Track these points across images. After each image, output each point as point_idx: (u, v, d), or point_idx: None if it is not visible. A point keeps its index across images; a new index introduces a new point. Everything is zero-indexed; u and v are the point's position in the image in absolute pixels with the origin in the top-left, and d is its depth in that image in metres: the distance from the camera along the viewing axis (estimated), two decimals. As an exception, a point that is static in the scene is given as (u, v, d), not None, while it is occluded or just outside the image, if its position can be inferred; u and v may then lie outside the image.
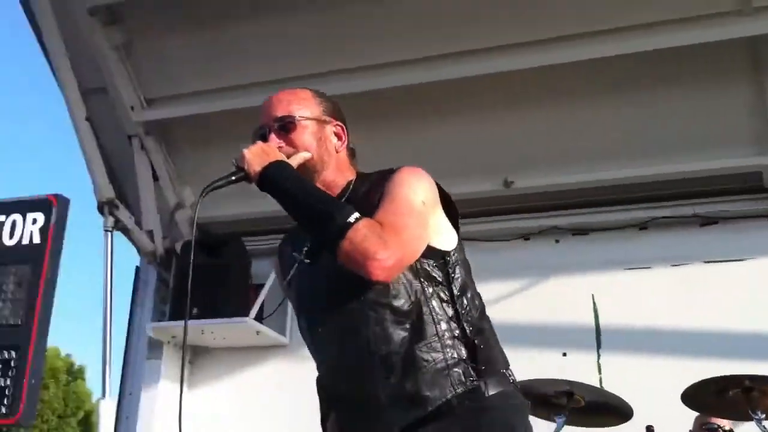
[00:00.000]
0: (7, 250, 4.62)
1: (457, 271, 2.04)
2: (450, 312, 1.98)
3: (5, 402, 4.15)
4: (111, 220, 5.60)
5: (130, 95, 5.78)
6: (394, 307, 1.94)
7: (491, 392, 1.93)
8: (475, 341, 1.98)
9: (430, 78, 5.07)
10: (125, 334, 6.05)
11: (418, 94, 5.17)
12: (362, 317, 1.95)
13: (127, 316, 6.12)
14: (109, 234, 5.55)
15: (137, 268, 6.23)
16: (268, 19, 5.27)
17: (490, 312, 2.13)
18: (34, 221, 4.58)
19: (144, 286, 6.17)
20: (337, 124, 2.18)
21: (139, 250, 6.05)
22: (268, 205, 2.24)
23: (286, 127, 2.09)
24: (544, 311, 5.13)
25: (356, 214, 1.87)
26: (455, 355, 1.94)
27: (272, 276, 5.57)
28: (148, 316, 6.03)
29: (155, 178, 5.92)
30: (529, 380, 3.37)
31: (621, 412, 3.83)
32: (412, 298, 1.95)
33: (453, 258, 2.05)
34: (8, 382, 4.19)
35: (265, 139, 2.09)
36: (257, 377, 5.79)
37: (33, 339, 4.30)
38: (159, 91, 5.86)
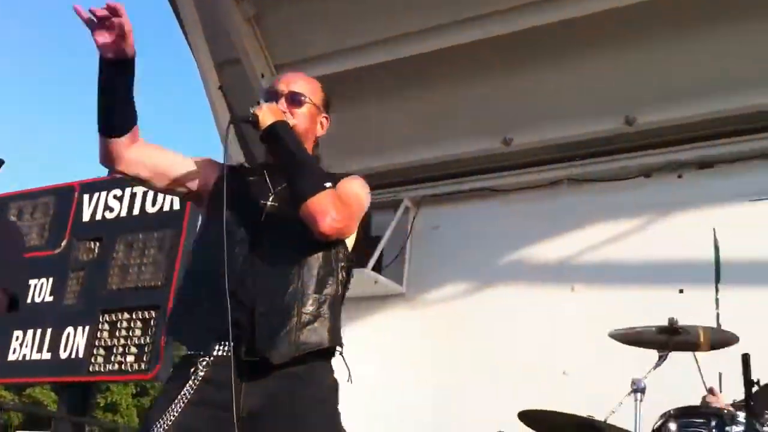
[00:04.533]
0: (150, 217, 5.08)
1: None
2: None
3: (144, 359, 4.61)
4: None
5: (260, 64, 6.11)
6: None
7: None
8: None
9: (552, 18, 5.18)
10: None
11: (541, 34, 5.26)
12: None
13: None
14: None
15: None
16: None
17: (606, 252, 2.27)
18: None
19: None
20: (326, 117, 2.66)
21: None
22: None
23: (296, 100, 2.56)
24: (661, 248, 5.04)
25: (330, 183, 2.36)
26: None
27: (391, 227, 5.83)
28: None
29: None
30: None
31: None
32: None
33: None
34: (148, 340, 4.65)
35: (273, 99, 2.52)
36: (376, 325, 5.93)
37: (171, 299, 4.72)
38: (287, 57, 6.18)
